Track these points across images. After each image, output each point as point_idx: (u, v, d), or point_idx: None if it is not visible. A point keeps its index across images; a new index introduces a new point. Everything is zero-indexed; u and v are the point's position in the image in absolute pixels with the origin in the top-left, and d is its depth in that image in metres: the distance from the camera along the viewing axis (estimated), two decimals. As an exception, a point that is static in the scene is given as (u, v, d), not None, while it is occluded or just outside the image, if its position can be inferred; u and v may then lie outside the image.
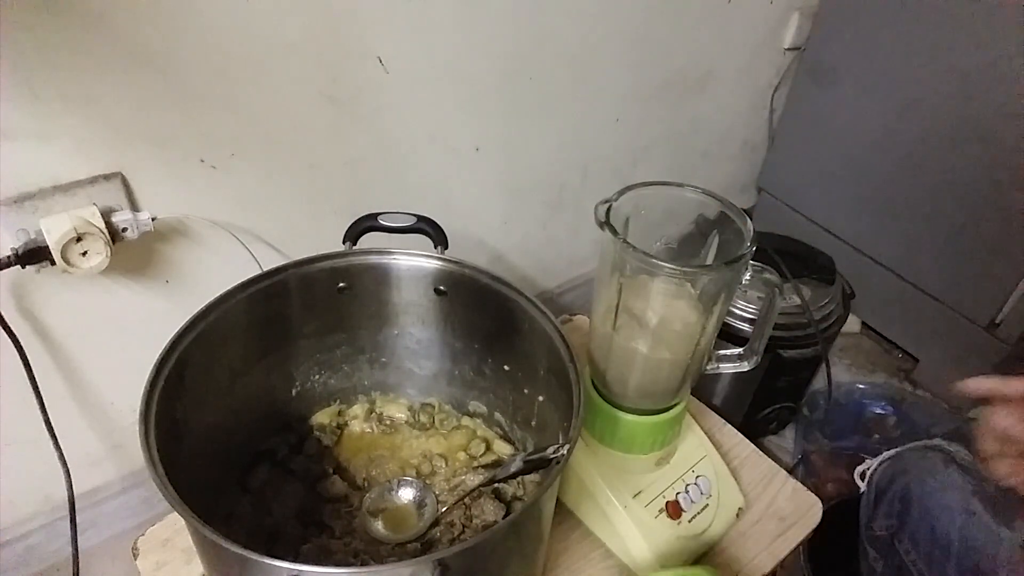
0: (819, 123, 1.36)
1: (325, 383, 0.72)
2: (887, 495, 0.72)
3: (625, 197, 0.57)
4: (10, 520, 0.80)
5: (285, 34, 0.70)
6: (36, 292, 0.68)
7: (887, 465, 0.74)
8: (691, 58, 1.15)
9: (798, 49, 1.35)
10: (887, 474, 0.73)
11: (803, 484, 0.76)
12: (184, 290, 0.77)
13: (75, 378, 0.75)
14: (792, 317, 1.00)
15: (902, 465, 0.72)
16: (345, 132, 0.80)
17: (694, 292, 0.58)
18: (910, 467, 0.71)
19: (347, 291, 0.66)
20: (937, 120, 1.16)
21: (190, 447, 0.54)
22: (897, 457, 0.73)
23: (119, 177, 0.67)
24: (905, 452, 0.73)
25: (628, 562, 0.66)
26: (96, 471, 0.83)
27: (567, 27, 0.93)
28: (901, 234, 1.28)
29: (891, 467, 0.73)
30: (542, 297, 1.00)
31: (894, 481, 0.71)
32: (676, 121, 1.23)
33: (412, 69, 0.81)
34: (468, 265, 0.65)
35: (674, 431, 0.67)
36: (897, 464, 0.73)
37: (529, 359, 0.64)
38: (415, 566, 0.41)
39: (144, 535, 0.67)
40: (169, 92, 0.66)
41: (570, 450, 0.48)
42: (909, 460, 0.72)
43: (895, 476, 0.72)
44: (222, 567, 0.48)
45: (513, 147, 1.00)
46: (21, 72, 0.58)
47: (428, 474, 0.69)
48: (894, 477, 0.72)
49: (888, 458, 0.74)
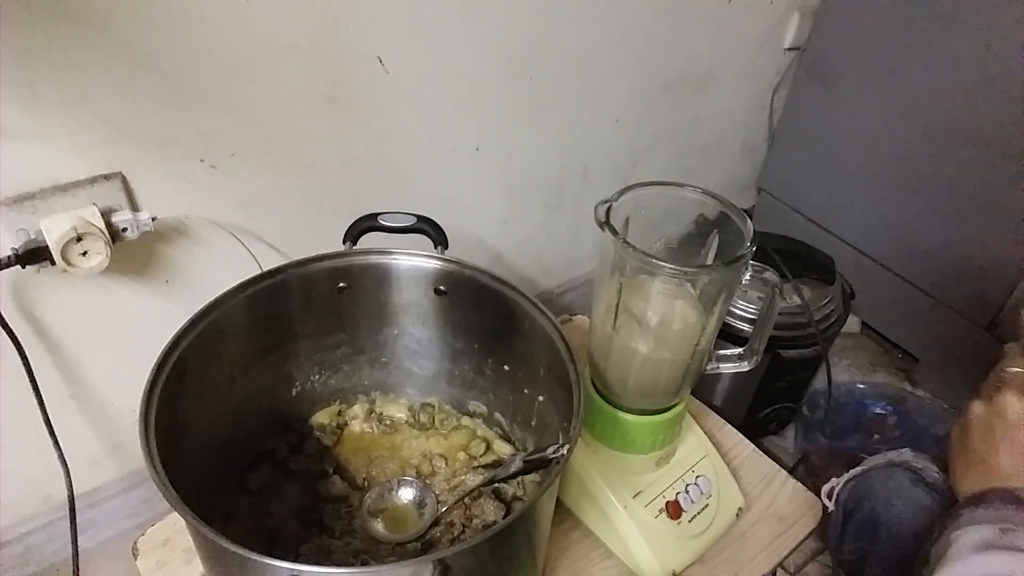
0: (819, 123, 1.36)
1: (325, 383, 0.72)
2: (854, 518, 0.70)
3: (625, 197, 0.57)
4: (10, 520, 0.80)
5: (285, 34, 0.70)
6: (36, 292, 0.68)
7: (853, 485, 0.71)
8: (691, 58, 1.16)
9: (798, 49, 1.34)
10: (853, 496, 0.71)
11: (803, 484, 0.76)
12: (184, 290, 0.77)
13: (75, 378, 0.75)
14: (792, 317, 1.00)
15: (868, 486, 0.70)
16: (345, 132, 0.80)
17: (694, 292, 0.58)
18: (876, 489, 0.69)
19: (347, 291, 0.66)
20: (937, 120, 1.16)
21: (190, 447, 0.54)
22: (863, 476, 0.71)
23: (119, 177, 0.67)
24: (871, 471, 0.71)
25: (628, 562, 0.66)
26: (96, 471, 0.83)
27: (567, 27, 0.93)
28: (901, 234, 1.28)
29: (857, 487, 0.71)
30: (542, 297, 1.00)
31: (861, 503, 0.70)
32: (676, 121, 1.23)
33: (412, 69, 0.81)
34: (468, 265, 0.65)
35: (674, 431, 0.67)
36: (863, 484, 0.70)
37: (529, 359, 0.64)
38: (415, 566, 0.41)
39: (144, 535, 0.67)
40: (169, 92, 0.66)
41: (570, 450, 0.48)
42: (875, 480, 0.70)
43: (861, 499, 0.70)
44: (222, 567, 0.48)
45: (513, 147, 1.00)
46: (21, 72, 0.58)
47: (428, 474, 0.69)
48: (860, 499, 0.70)
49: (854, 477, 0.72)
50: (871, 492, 0.70)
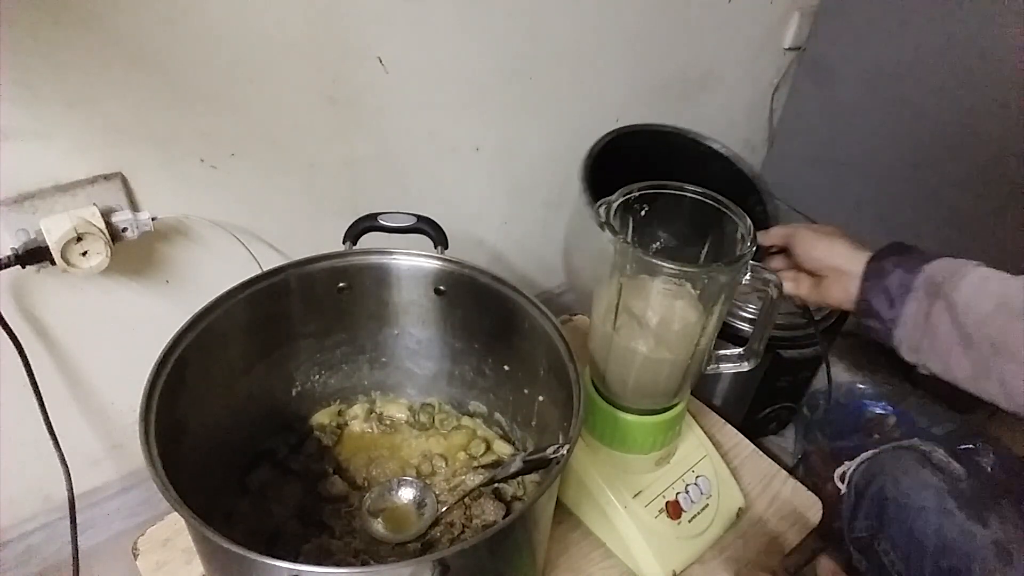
0: (819, 123, 1.36)
1: (325, 383, 0.72)
2: (865, 497, 0.73)
3: (625, 197, 0.58)
4: (10, 520, 0.80)
5: (285, 34, 0.70)
6: (36, 292, 0.68)
7: (865, 467, 0.75)
8: (691, 58, 1.15)
9: (798, 49, 1.34)
10: (865, 476, 0.74)
11: (803, 484, 0.76)
12: (184, 290, 0.77)
13: (75, 378, 0.75)
14: (792, 317, 1.00)
15: (878, 466, 0.73)
16: (345, 132, 0.80)
17: (694, 292, 0.58)
18: (886, 468, 0.72)
19: (347, 291, 0.66)
20: (937, 120, 1.16)
21: (190, 447, 0.54)
22: (874, 459, 0.74)
23: (119, 177, 0.67)
24: (881, 453, 0.74)
25: (628, 562, 0.66)
26: (96, 471, 0.83)
27: (567, 27, 0.93)
28: (901, 234, 1.28)
29: (868, 469, 0.74)
30: (542, 297, 1.00)
31: (871, 483, 0.73)
32: (676, 121, 1.23)
33: (412, 69, 0.81)
34: (468, 265, 0.65)
35: (674, 431, 0.67)
36: (874, 465, 0.74)
37: (529, 359, 0.64)
38: (415, 566, 0.41)
39: (144, 535, 0.67)
40: (169, 92, 0.66)
41: (570, 450, 0.48)
42: (885, 461, 0.73)
43: (872, 478, 0.73)
44: (222, 567, 0.48)
45: (513, 147, 1.00)
46: (21, 72, 0.58)
47: (428, 474, 0.69)
48: (871, 479, 0.73)
49: (865, 460, 0.75)
50: (881, 471, 0.72)
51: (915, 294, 0.55)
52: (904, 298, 0.56)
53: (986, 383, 0.53)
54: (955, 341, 0.53)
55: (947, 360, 0.54)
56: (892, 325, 0.57)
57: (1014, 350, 0.50)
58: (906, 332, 0.56)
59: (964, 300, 0.53)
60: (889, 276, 0.57)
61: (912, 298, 0.56)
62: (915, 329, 0.56)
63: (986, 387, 0.53)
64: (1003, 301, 0.52)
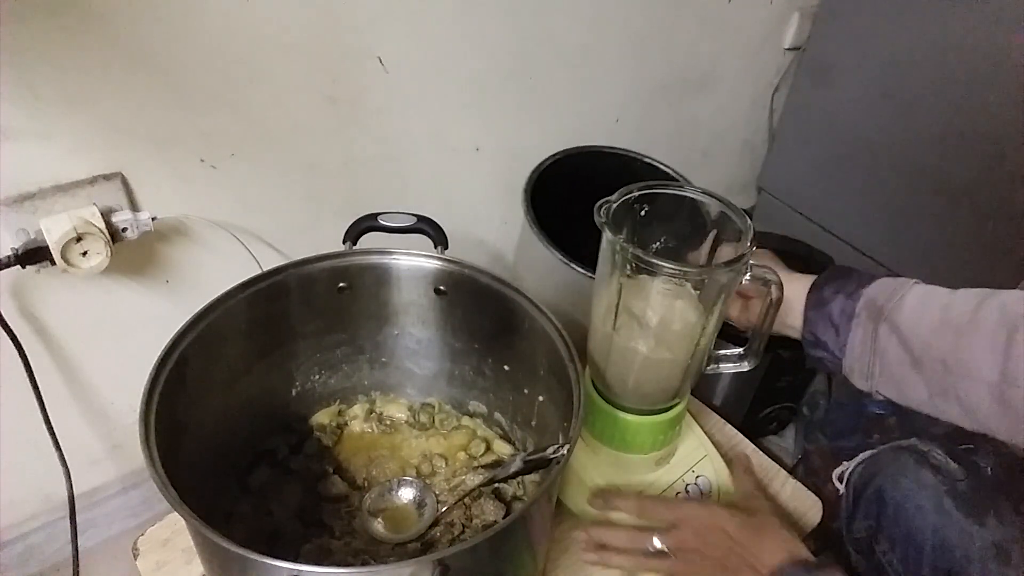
0: (819, 123, 1.36)
1: (325, 383, 0.72)
2: (864, 497, 0.72)
3: (625, 197, 0.58)
4: (10, 520, 0.80)
5: (285, 34, 0.70)
6: (36, 292, 0.68)
7: (863, 467, 0.74)
8: (691, 58, 1.15)
9: (798, 49, 1.34)
10: (863, 476, 0.73)
11: (803, 484, 0.76)
12: (184, 290, 0.77)
13: (75, 378, 0.75)
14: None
15: (877, 466, 0.73)
16: (345, 132, 0.80)
17: (694, 292, 0.59)
18: (884, 468, 0.71)
19: (347, 291, 0.66)
20: (937, 120, 1.16)
21: (190, 447, 0.54)
22: (872, 459, 0.74)
23: (119, 177, 0.67)
24: (880, 453, 0.73)
25: (628, 562, 0.66)
26: (96, 471, 0.83)
27: (567, 27, 0.93)
28: (901, 234, 1.28)
29: (867, 469, 0.74)
30: (542, 297, 1.00)
31: (870, 483, 0.72)
32: (676, 121, 1.23)
33: (412, 69, 0.81)
34: (468, 265, 0.65)
35: (674, 431, 0.67)
36: (872, 466, 0.73)
37: (529, 359, 0.64)
38: (415, 566, 0.41)
39: (144, 535, 0.67)
40: (169, 92, 0.66)
41: (570, 450, 0.48)
42: (883, 461, 0.72)
43: (871, 478, 0.72)
44: (222, 567, 0.48)
45: (513, 147, 1.00)
46: (21, 72, 0.58)
47: (428, 474, 0.69)
48: (870, 479, 0.72)
49: (863, 460, 0.74)
50: (879, 471, 0.72)
51: (858, 319, 0.54)
52: (848, 324, 0.54)
53: (944, 404, 0.51)
54: (906, 363, 0.52)
55: (901, 385, 0.53)
56: (841, 354, 0.55)
57: (967, 367, 0.49)
58: (855, 359, 0.55)
59: (907, 321, 0.51)
60: (830, 304, 0.56)
61: (856, 323, 0.54)
62: (863, 355, 0.54)
63: (945, 408, 0.51)
64: (946, 317, 0.50)
